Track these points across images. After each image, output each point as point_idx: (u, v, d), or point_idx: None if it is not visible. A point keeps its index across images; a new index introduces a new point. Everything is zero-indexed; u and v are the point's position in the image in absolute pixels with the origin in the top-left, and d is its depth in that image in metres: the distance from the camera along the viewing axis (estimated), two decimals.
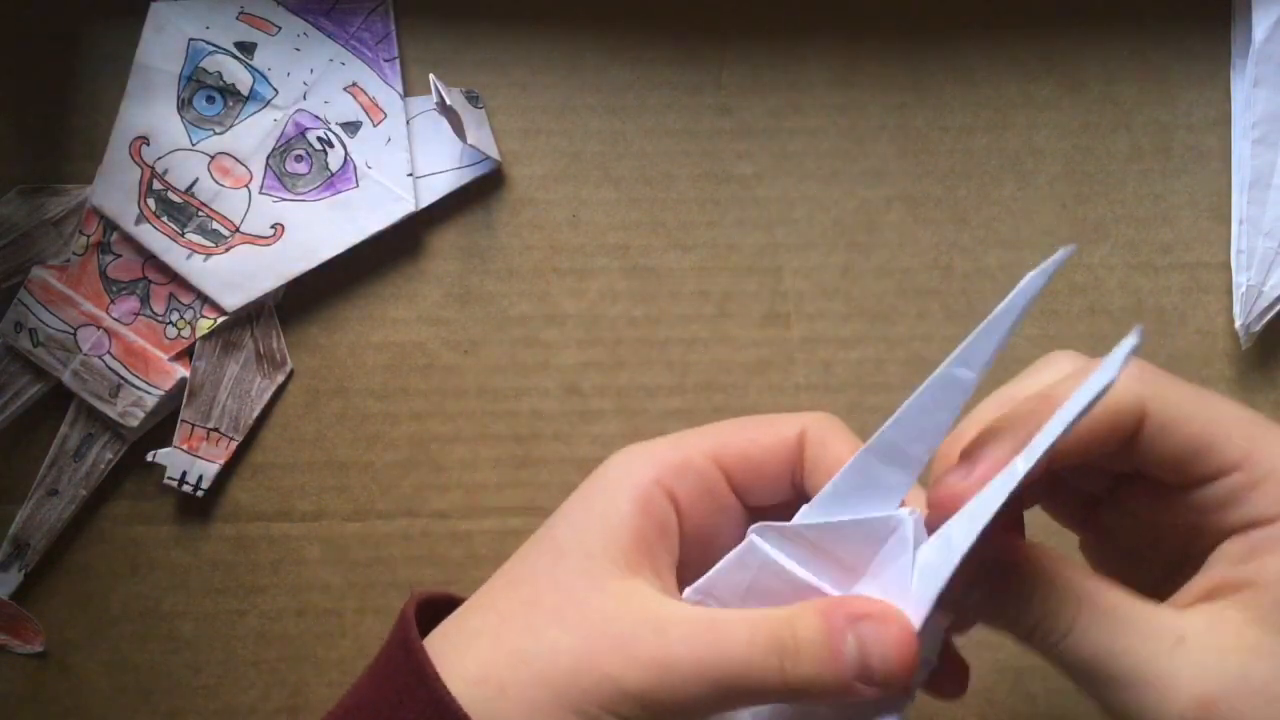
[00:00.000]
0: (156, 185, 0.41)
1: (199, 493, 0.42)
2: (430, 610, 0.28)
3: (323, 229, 0.41)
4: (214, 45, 0.41)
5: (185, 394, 0.42)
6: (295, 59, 0.42)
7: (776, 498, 0.28)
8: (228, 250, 0.41)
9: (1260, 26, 0.41)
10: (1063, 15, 0.43)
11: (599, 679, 0.24)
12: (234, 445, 0.42)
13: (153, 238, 0.41)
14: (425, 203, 0.42)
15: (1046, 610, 0.24)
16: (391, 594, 0.42)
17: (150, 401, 0.41)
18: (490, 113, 0.43)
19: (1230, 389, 0.42)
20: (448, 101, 0.39)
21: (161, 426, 0.42)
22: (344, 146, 0.42)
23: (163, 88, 0.41)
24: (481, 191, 0.43)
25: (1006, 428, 0.25)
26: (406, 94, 0.42)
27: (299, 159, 0.42)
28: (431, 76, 0.39)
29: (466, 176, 0.42)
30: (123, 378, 0.41)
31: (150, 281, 0.42)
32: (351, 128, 0.42)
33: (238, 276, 0.41)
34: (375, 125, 0.42)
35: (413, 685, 0.25)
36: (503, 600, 0.27)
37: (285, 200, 0.42)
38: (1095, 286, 0.43)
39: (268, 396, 0.42)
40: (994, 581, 0.25)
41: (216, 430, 0.42)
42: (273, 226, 0.42)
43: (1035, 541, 0.25)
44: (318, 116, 0.42)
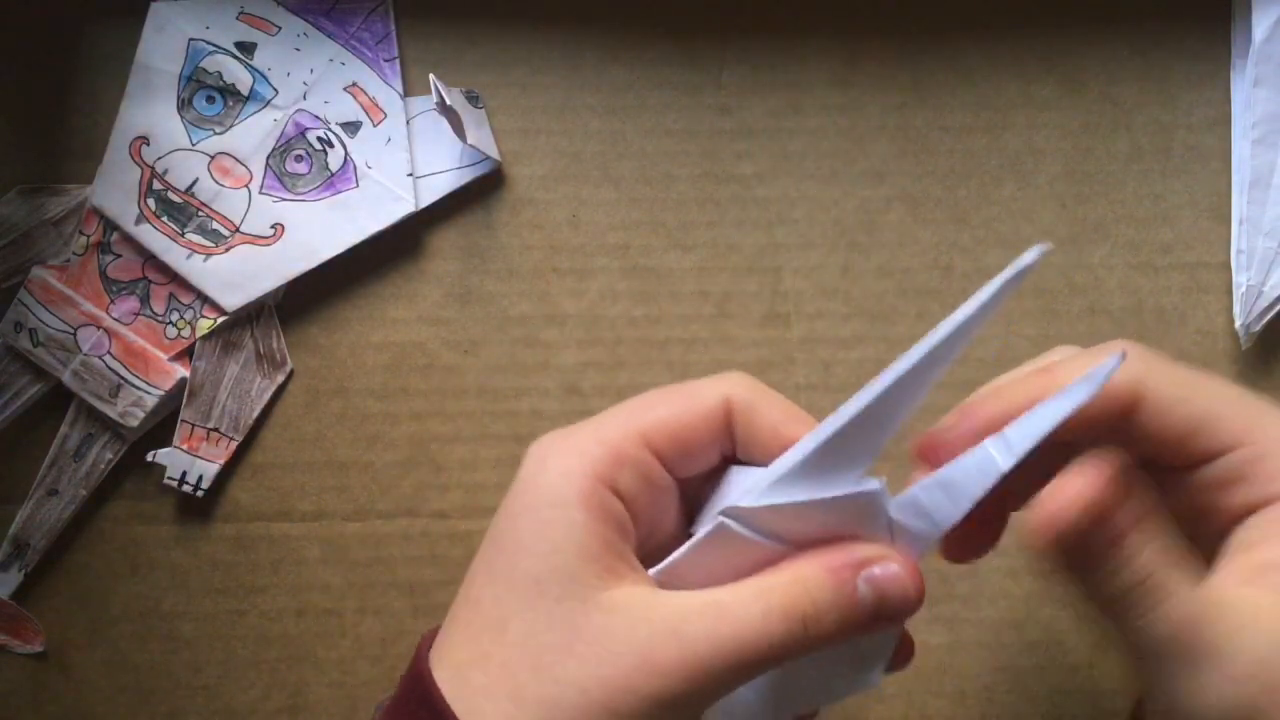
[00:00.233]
0: (156, 185, 0.41)
1: (199, 493, 0.42)
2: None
3: (323, 229, 0.41)
4: (214, 45, 0.41)
5: (185, 394, 0.42)
6: (295, 59, 0.42)
7: (705, 466, 0.28)
8: (228, 250, 0.41)
9: (1260, 26, 0.41)
10: (1063, 15, 0.43)
11: (631, 699, 0.24)
12: (234, 445, 0.42)
13: (153, 238, 0.41)
14: (425, 203, 0.42)
15: (1146, 576, 0.24)
16: (391, 594, 0.42)
17: (150, 401, 0.41)
18: (490, 113, 0.43)
19: None
20: (448, 101, 0.39)
21: (161, 426, 0.42)
22: (344, 146, 0.42)
23: (163, 88, 0.41)
24: (481, 191, 0.43)
25: (1000, 394, 0.26)
26: (406, 94, 0.42)
27: (299, 159, 0.42)
28: (431, 76, 0.39)
29: (466, 176, 0.42)
30: (123, 378, 0.41)
31: (150, 281, 0.42)
32: (351, 128, 0.42)
33: (238, 276, 0.41)
34: (375, 125, 0.42)
35: None
36: (498, 649, 0.25)
37: (285, 200, 0.42)
38: (1095, 286, 0.43)
39: (268, 396, 0.42)
40: (1099, 540, 0.24)
41: (216, 430, 0.42)
42: (273, 226, 0.42)
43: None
44: (318, 116, 0.42)
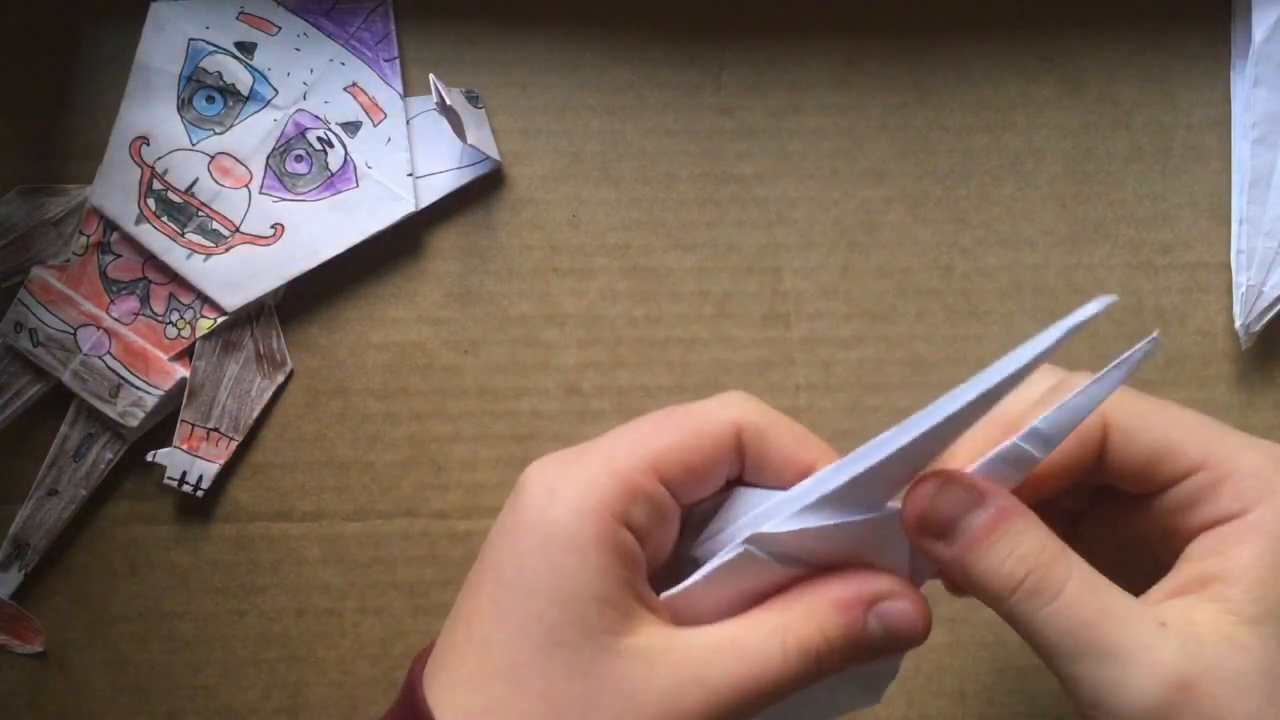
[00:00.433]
0: (156, 185, 0.41)
1: (199, 493, 0.42)
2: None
3: (323, 229, 0.41)
4: (214, 45, 0.41)
5: (185, 394, 0.42)
6: (295, 59, 0.42)
7: (711, 492, 0.28)
8: (228, 250, 0.41)
9: (1260, 26, 0.41)
10: (1063, 15, 0.43)
11: None
12: (234, 445, 0.42)
13: (153, 238, 0.41)
14: (425, 203, 0.42)
15: (1037, 571, 0.24)
16: (391, 594, 0.42)
17: (150, 401, 0.41)
18: (490, 113, 0.43)
19: (1230, 389, 0.42)
20: (448, 101, 0.39)
21: (161, 426, 0.42)
22: (344, 146, 0.42)
23: (163, 88, 0.41)
24: (481, 191, 0.43)
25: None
26: (406, 94, 0.42)
27: (299, 159, 0.42)
28: (431, 76, 0.39)
29: (466, 176, 0.42)
30: (123, 378, 0.41)
31: (150, 281, 0.42)
32: (351, 128, 0.42)
33: (238, 276, 0.41)
34: (375, 125, 0.42)
35: None
36: (515, 700, 0.24)
37: (285, 200, 0.42)
38: (1095, 286, 0.43)
39: (268, 396, 0.42)
40: (983, 533, 0.25)
41: (216, 430, 0.42)
42: (273, 226, 0.42)
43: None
44: (318, 116, 0.42)
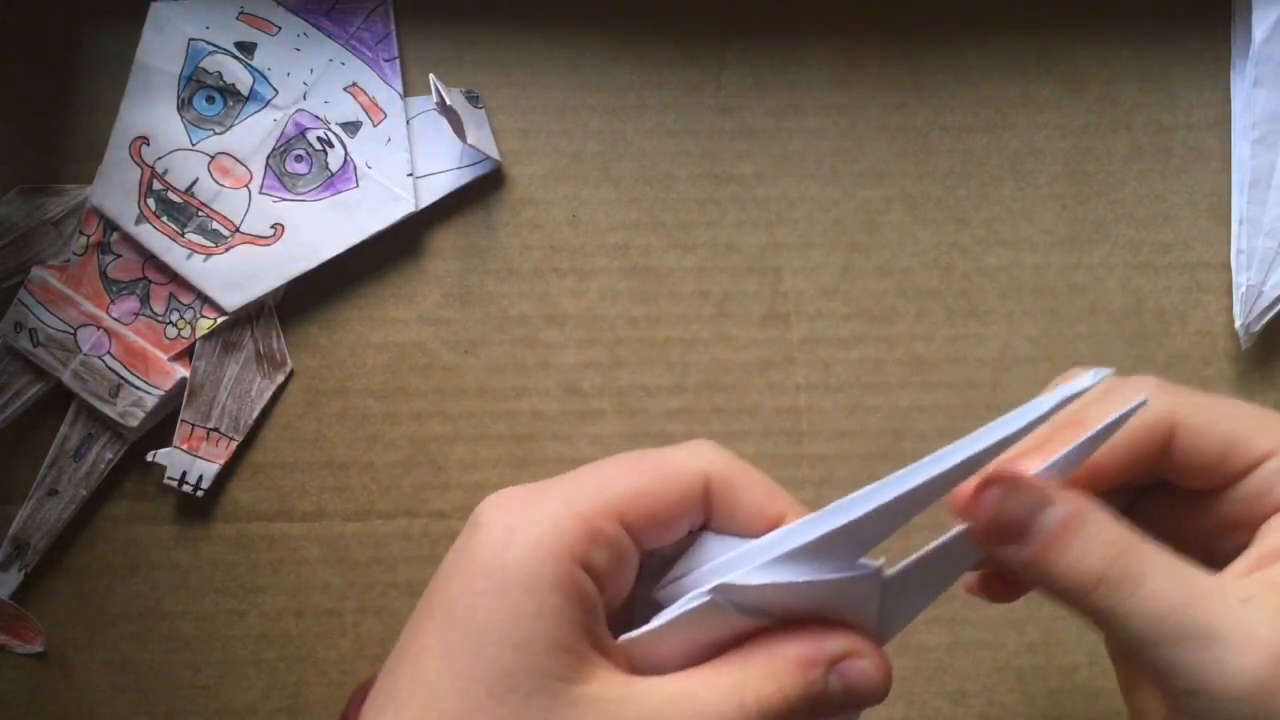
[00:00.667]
0: (156, 185, 0.41)
1: (199, 493, 0.42)
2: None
3: (323, 229, 0.41)
4: (214, 45, 0.41)
5: (185, 394, 0.42)
6: (295, 59, 0.42)
7: (673, 540, 0.27)
8: (228, 250, 0.41)
9: (1260, 26, 0.41)
10: (1063, 15, 0.43)
11: None
12: (234, 445, 0.42)
13: (153, 238, 0.41)
14: (425, 203, 0.42)
15: (1118, 561, 0.24)
16: (391, 594, 0.42)
17: (150, 401, 0.41)
18: (490, 113, 0.43)
19: (1230, 389, 0.42)
20: (448, 101, 0.39)
21: (161, 426, 0.42)
22: (344, 146, 0.42)
23: (163, 88, 0.41)
24: (481, 191, 0.43)
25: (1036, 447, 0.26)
26: (406, 94, 0.42)
27: (299, 159, 0.42)
28: (431, 76, 0.39)
29: (466, 176, 0.42)
30: (123, 378, 0.41)
31: (150, 281, 0.42)
32: (351, 128, 0.42)
33: (238, 276, 0.41)
34: (375, 125, 0.42)
35: None
36: None
37: (285, 200, 0.42)
38: (1095, 286, 0.43)
39: (268, 396, 0.42)
40: (1059, 530, 0.25)
41: (216, 430, 0.42)
42: (273, 226, 0.42)
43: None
44: (318, 116, 0.42)
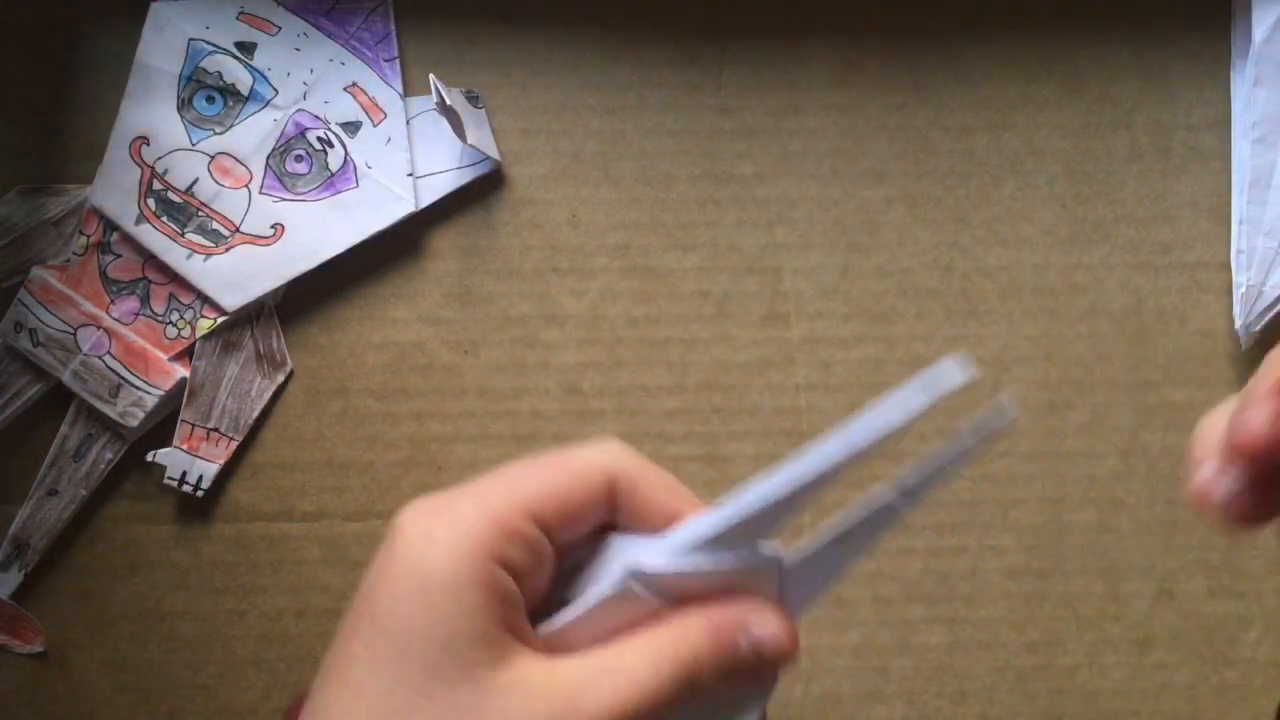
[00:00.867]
0: (156, 185, 0.41)
1: (199, 493, 0.42)
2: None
3: (323, 229, 0.41)
4: (214, 45, 0.41)
5: (185, 394, 0.42)
6: (295, 59, 0.42)
7: (582, 535, 0.29)
8: (228, 250, 0.41)
9: (1260, 26, 0.41)
10: (1063, 15, 0.43)
11: None
12: (234, 445, 0.42)
13: (153, 238, 0.41)
14: (425, 203, 0.42)
15: None
16: None
17: (150, 401, 0.41)
18: (490, 113, 0.43)
19: (1230, 389, 0.42)
20: (448, 101, 0.39)
21: (161, 426, 0.42)
22: (344, 146, 0.42)
23: (163, 88, 0.41)
24: (481, 191, 0.43)
25: None
26: (406, 94, 0.42)
27: (299, 159, 0.42)
28: (431, 76, 0.39)
29: (466, 176, 0.42)
30: (123, 378, 0.41)
31: (150, 281, 0.42)
32: (351, 128, 0.42)
33: (238, 276, 0.41)
34: (375, 125, 0.42)
35: None
36: None
37: (285, 200, 0.42)
38: (1095, 286, 0.43)
39: (268, 396, 0.42)
40: None
41: (216, 430, 0.42)
42: (273, 226, 0.42)
43: None
44: (318, 116, 0.42)
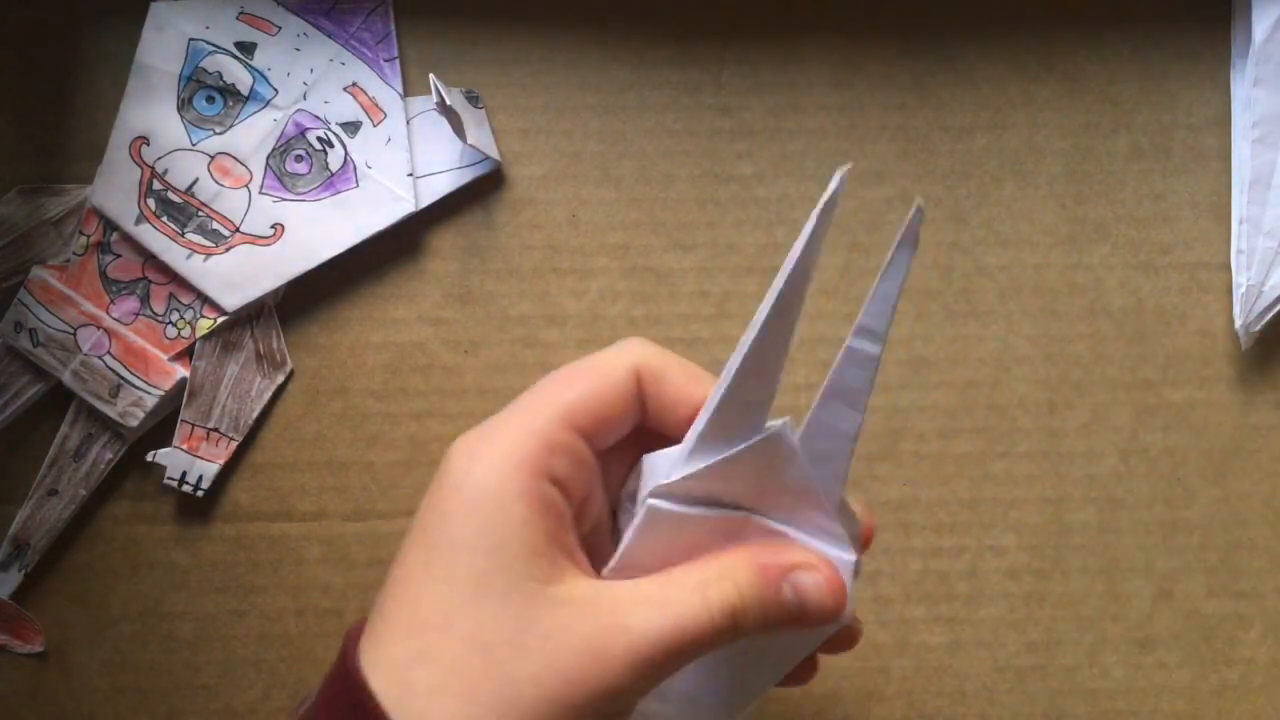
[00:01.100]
0: (156, 185, 0.41)
1: (199, 493, 0.42)
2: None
3: (323, 229, 0.41)
4: (214, 45, 0.41)
5: (185, 394, 0.42)
6: (295, 59, 0.42)
7: (621, 437, 0.29)
8: (228, 250, 0.41)
9: (1260, 26, 0.41)
10: (1063, 15, 0.43)
11: (583, 692, 0.25)
12: (234, 445, 0.42)
13: (153, 238, 0.41)
14: (425, 203, 0.42)
15: None
16: None
17: (150, 401, 0.41)
18: (490, 113, 0.43)
19: (1230, 389, 0.42)
20: (448, 101, 0.39)
21: (161, 426, 0.42)
22: (344, 146, 0.42)
23: (163, 88, 0.41)
24: (481, 191, 0.43)
25: None
26: (406, 94, 0.42)
27: (299, 159, 0.42)
28: (431, 76, 0.39)
29: (466, 176, 0.42)
30: (123, 378, 0.41)
31: (150, 281, 0.42)
32: (351, 128, 0.42)
33: (238, 276, 0.41)
34: (375, 125, 0.42)
35: None
36: (443, 648, 0.25)
37: (285, 200, 0.42)
38: (1095, 286, 0.43)
39: (268, 396, 0.42)
40: None
41: (216, 430, 0.42)
42: (273, 226, 0.42)
43: None
44: (318, 116, 0.42)
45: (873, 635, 0.42)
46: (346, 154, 0.42)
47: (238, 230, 0.41)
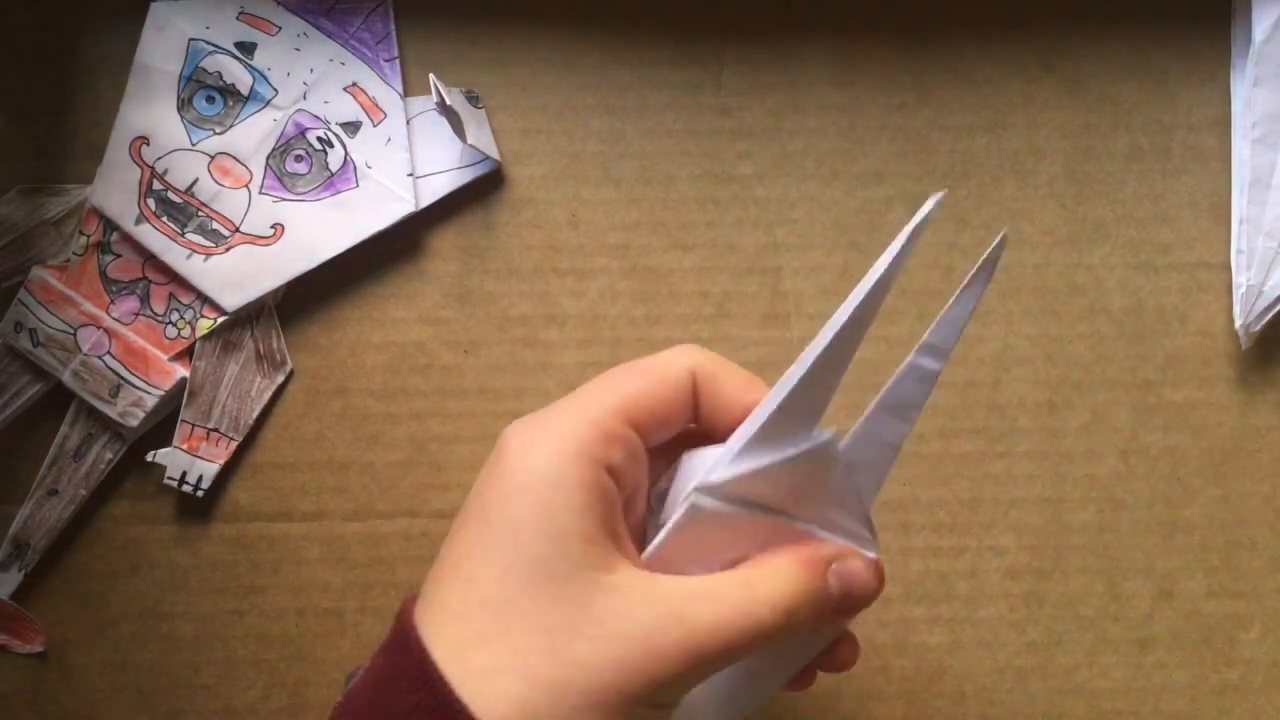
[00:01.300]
0: (156, 185, 0.41)
1: (199, 493, 0.42)
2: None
3: (323, 229, 0.41)
4: (214, 45, 0.41)
5: (185, 394, 0.42)
6: (295, 59, 0.42)
7: (672, 435, 0.30)
8: (228, 250, 0.41)
9: (1260, 26, 0.41)
10: (1063, 15, 0.43)
11: (637, 681, 0.25)
12: (234, 445, 0.42)
13: (153, 238, 0.41)
14: (425, 203, 0.42)
15: None
16: (391, 594, 0.42)
17: (150, 401, 0.41)
18: (490, 113, 0.43)
19: (1230, 389, 0.42)
20: (448, 101, 0.39)
21: (161, 426, 0.42)
22: (344, 146, 0.42)
23: (163, 88, 0.41)
24: (481, 191, 0.43)
25: None
26: (406, 94, 0.42)
27: (299, 159, 0.42)
28: (431, 76, 0.39)
29: (466, 176, 0.42)
30: (123, 378, 0.41)
31: (150, 281, 0.42)
32: (351, 128, 0.42)
33: (238, 276, 0.41)
34: (375, 125, 0.42)
35: None
36: (503, 630, 0.25)
37: (285, 200, 0.42)
38: (1095, 286, 0.43)
39: (268, 396, 0.42)
40: None
41: (216, 430, 0.42)
42: (273, 226, 0.42)
43: None
44: (318, 116, 0.42)
45: (873, 635, 0.42)
46: (346, 154, 0.42)
47: (238, 230, 0.41)
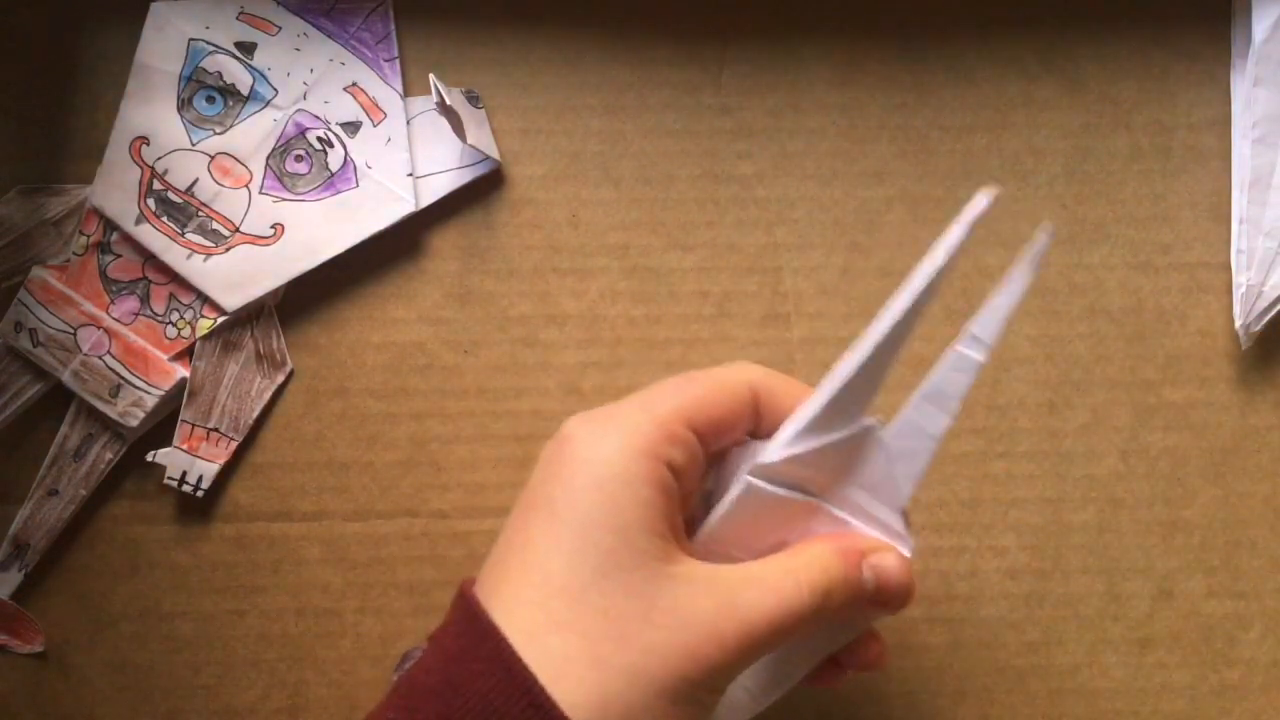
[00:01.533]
0: (156, 185, 0.41)
1: (199, 493, 0.42)
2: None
3: (323, 229, 0.41)
4: (214, 45, 0.41)
5: (185, 394, 0.42)
6: (295, 59, 0.42)
7: (729, 442, 0.31)
8: (228, 250, 0.41)
9: (1260, 26, 0.41)
10: (1063, 15, 0.43)
11: (704, 668, 0.26)
12: (234, 445, 0.42)
13: (153, 238, 0.41)
14: (425, 203, 0.42)
15: None
16: (391, 594, 0.42)
17: (150, 401, 0.41)
18: (490, 113, 0.43)
19: (1230, 389, 0.42)
20: (448, 101, 0.39)
21: (161, 426, 0.42)
22: (344, 146, 0.42)
23: (163, 88, 0.41)
24: (481, 191, 0.43)
25: None
26: (406, 94, 0.42)
27: (299, 159, 0.42)
28: (431, 76, 0.39)
29: (466, 176, 0.42)
30: (123, 378, 0.41)
31: (150, 281, 0.42)
32: (351, 128, 0.42)
33: (238, 276, 0.41)
34: (375, 125, 0.42)
35: None
36: (575, 617, 0.26)
37: (285, 200, 0.42)
38: (1095, 286, 0.43)
39: (268, 396, 0.42)
40: None
41: (216, 430, 0.42)
42: (273, 226, 0.42)
43: None
44: (318, 116, 0.42)
45: None
46: (346, 154, 0.42)
47: (238, 230, 0.41)
